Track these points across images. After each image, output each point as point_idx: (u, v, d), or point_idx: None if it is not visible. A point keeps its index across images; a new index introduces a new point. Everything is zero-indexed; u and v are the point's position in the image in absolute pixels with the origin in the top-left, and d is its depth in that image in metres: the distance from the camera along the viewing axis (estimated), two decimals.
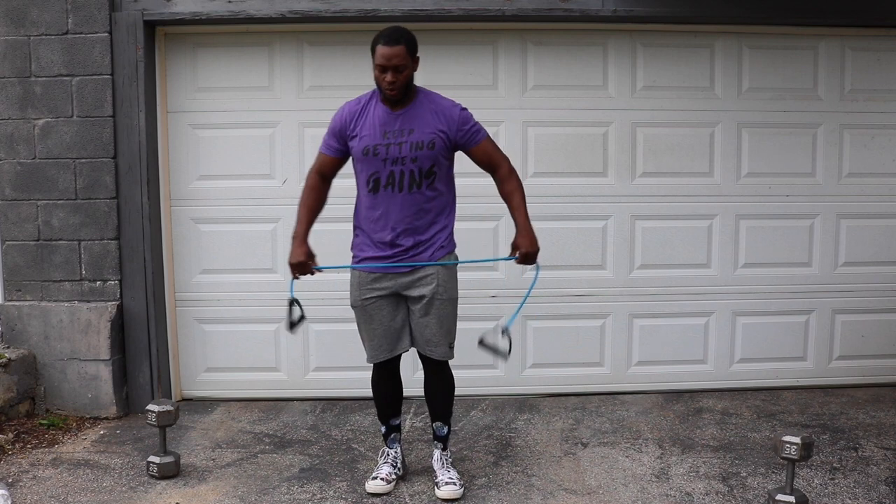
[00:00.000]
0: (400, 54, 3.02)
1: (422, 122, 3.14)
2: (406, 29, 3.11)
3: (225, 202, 4.47)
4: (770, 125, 4.54)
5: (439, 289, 3.19)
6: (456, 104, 3.22)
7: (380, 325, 3.25)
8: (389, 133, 3.13)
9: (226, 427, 4.17)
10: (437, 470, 3.36)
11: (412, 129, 3.13)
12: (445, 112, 3.16)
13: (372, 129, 3.14)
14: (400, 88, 3.07)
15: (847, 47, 4.52)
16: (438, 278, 3.19)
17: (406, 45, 3.04)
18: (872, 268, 4.67)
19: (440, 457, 3.40)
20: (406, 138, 3.13)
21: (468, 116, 3.20)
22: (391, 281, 3.21)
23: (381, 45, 3.03)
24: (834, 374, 4.73)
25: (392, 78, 3.03)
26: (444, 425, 3.39)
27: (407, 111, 3.14)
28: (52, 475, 3.55)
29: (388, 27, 3.11)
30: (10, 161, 4.25)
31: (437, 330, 3.22)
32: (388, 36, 3.03)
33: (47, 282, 4.30)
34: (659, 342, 4.64)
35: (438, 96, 3.22)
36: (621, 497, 3.31)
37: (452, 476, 3.32)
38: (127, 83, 4.19)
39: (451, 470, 3.36)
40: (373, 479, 3.37)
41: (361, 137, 3.15)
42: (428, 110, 3.15)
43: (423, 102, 3.17)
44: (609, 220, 4.55)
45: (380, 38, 3.05)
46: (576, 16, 4.24)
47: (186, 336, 4.54)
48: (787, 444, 3.10)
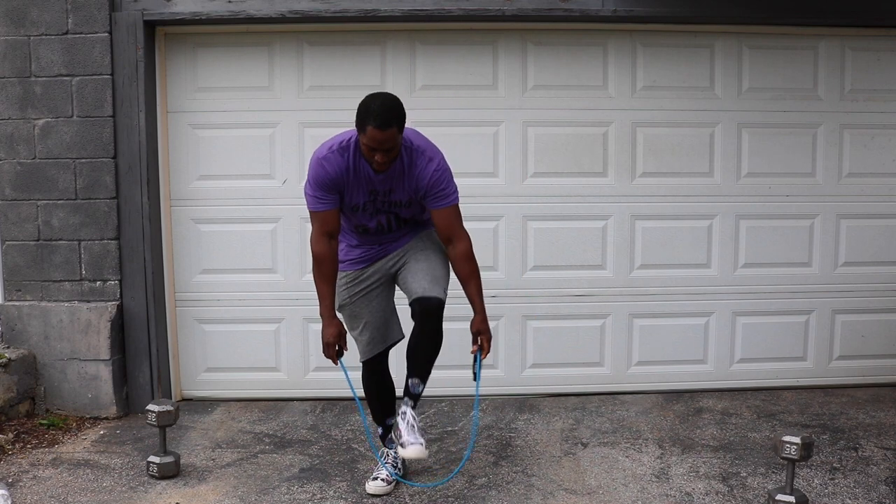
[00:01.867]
0: (391, 137, 2.88)
1: (399, 183, 3.07)
2: (395, 103, 2.92)
3: (225, 202, 4.47)
4: (770, 125, 4.54)
5: (421, 240, 3.24)
6: (432, 164, 3.05)
7: (370, 317, 3.25)
8: (374, 192, 3.09)
9: (226, 427, 4.16)
10: (403, 431, 3.10)
11: (392, 189, 3.08)
12: (419, 175, 3.05)
13: (359, 188, 3.07)
14: (389, 165, 2.99)
15: (847, 47, 4.52)
16: (417, 237, 3.25)
17: (398, 127, 2.89)
18: (872, 268, 4.67)
19: (408, 414, 3.13)
20: (388, 198, 3.11)
21: (440, 180, 3.06)
22: (377, 266, 3.25)
23: (371, 128, 2.85)
24: (834, 374, 4.73)
25: (382, 158, 2.92)
26: (420, 383, 3.18)
27: (388, 172, 3.05)
28: (52, 475, 3.55)
29: (377, 101, 2.90)
30: (10, 161, 4.25)
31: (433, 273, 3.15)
32: (380, 117, 2.85)
33: (47, 282, 4.30)
34: (659, 342, 4.64)
35: (418, 153, 3.05)
36: (621, 497, 3.31)
37: (418, 438, 3.09)
38: (127, 83, 4.19)
39: (416, 432, 3.10)
40: (373, 479, 3.36)
41: (349, 195, 3.08)
42: (406, 172, 3.05)
43: (404, 161, 3.04)
44: (609, 220, 4.55)
45: (369, 118, 2.86)
46: (576, 16, 4.24)
47: (186, 336, 4.54)
48: (787, 444, 3.10)
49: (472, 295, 3.16)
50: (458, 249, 3.14)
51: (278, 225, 4.47)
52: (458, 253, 3.14)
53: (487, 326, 3.19)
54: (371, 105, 2.89)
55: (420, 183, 3.05)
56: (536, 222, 4.53)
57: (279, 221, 4.46)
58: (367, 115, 2.87)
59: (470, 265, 3.15)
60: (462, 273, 3.16)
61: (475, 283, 3.16)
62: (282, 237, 4.47)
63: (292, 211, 4.41)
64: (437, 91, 4.41)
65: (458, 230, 3.14)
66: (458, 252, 3.14)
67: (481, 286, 3.18)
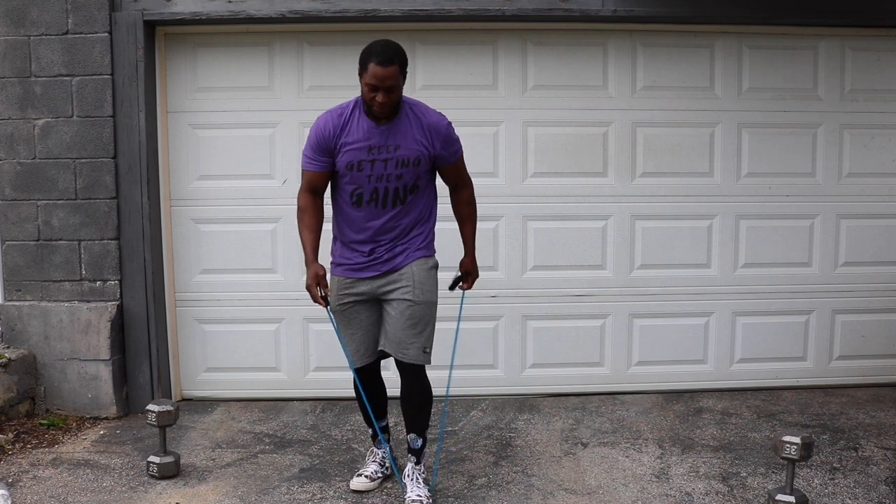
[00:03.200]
0: (393, 75, 2.91)
1: (408, 137, 3.05)
2: (397, 46, 2.98)
3: (225, 202, 4.47)
4: (770, 125, 4.54)
5: (415, 291, 3.13)
6: (443, 119, 3.13)
7: (359, 328, 3.22)
8: (374, 149, 3.04)
9: (226, 427, 4.17)
10: (407, 483, 3.24)
11: (398, 144, 3.04)
12: (433, 128, 3.08)
13: (356, 144, 3.04)
14: (390, 108, 2.99)
15: (847, 47, 4.52)
16: (414, 280, 3.14)
17: (399, 66, 2.93)
18: (872, 268, 4.67)
19: (412, 471, 3.26)
20: (391, 154, 3.05)
21: (453, 135, 3.15)
22: (367, 286, 3.18)
23: (373, 64, 2.89)
24: (834, 374, 4.73)
25: (383, 99, 2.93)
26: (418, 437, 3.26)
27: (392, 126, 3.04)
28: (52, 475, 3.55)
29: (380, 43, 2.96)
30: (10, 161, 4.25)
31: (410, 331, 3.13)
32: (382, 54, 2.90)
33: (47, 282, 4.30)
34: (659, 342, 4.64)
35: (425, 108, 3.11)
36: (621, 497, 3.31)
37: (421, 494, 3.19)
38: (127, 83, 4.19)
39: (421, 486, 3.23)
40: (357, 476, 3.39)
41: (345, 152, 3.05)
42: (414, 125, 3.06)
43: (410, 116, 3.06)
44: (609, 220, 4.55)
45: (371, 56, 2.91)
46: (576, 16, 4.25)
47: (186, 336, 4.54)
48: (787, 444, 3.10)
49: (467, 235, 3.33)
50: (462, 195, 3.29)
51: (278, 225, 4.47)
52: (462, 197, 3.29)
53: (476, 267, 3.36)
54: (373, 45, 2.97)
55: (437, 133, 3.09)
56: (536, 222, 4.53)
57: (279, 221, 4.46)
58: (370, 53, 2.94)
59: (469, 208, 3.31)
60: (461, 214, 3.31)
61: (471, 225, 3.32)
62: (282, 237, 4.47)
63: (292, 211, 4.34)
64: (437, 91, 4.41)
65: (464, 178, 3.27)
66: (462, 197, 3.29)
67: (475, 228, 3.34)
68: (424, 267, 3.18)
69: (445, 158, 3.15)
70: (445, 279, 3.34)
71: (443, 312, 3.30)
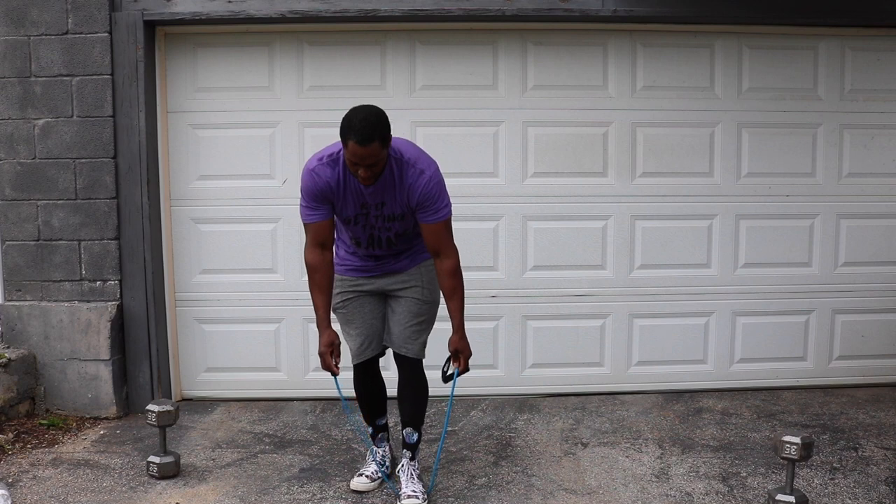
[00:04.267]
0: (373, 153, 2.83)
1: (391, 195, 3.01)
2: (377, 117, 2.85)
3: (225, 202, 4.47)
4: (770, 125, 4.54)
5: (424, 291, 3.20)
6: (424, 176, 2.99)
7: (362, 322, 3.24)
8: (366, 205, 3.04)
9: (226, 427, 4.17)
10: (402, 480, 3.26)
11: (383, 202, 3.03)
12: (410, 188, 2.99)
13: (349, 201, 3.03)
14: (373, 179, 2.93)
15: (847, 47, 4.52)
16: (423, 280, 3.21)
17: (380, 141, 2.83)
18: (872, 268, 4.67)
19: (407, 466, 3.28)
20: (380, 211, 3.05)
21: (431, 193, 2.99)
22: (373, 284, 3.22)
23: (353, 143, 2.80)
24: (834, 374, 4.73)
25: (365, 173, 2.88)
26: (414, 431, 3.28)
27: (377, 186, 2.99)
28: (52, 475, 3.55)
29: (359, 117, 2.83)
30: (10, 161, 4.25)
31: (415, 328, 3.19)
32: (360, 132, 2.79)
33: (47, 282, 4.30)
34: (659, 342, 4.64)
35: (408, 166, 2.99)
36: (621, 497, 3.31)
37: (416, 489, 3.19)
38: (127, 83, 4.19)
39: (415, 482, 3.24)
40: (358, 475, 3.39)
41: (341, 207, 3.05)
42: (397, 181, 2.99)
43: (394, 171, 2.99)
44: (609, 220, 4.55)
45: (350, 133, 2.80)
46: (576, 16, 4.24)
47: (186, 336, 4.54)
48: (787, 444, 3.10)
49: (453, 311, 3.13)
50: (444, 265, 3.09)
51: (278, 225, 4.47)
52: (445, 268, 3.09)
53: (466, 344, 3.16)
54: (352, 119, 2.84)
55: (412, 195, 2.99)
56: (536, 222, 4.53)
57: (279, 221, 4.46)
58: (349, 130, 2.82)
59: (453, 281, 3.10)
60: (445, 288, 3.13)
61: (457, 300, 3.12)
62: (282, 237, 4.47)
63: (292, 211, 4.38)
64: (437, 91, 4.41)
65: (446, 246, 3.08)
66: (445, 267, 3.09)
67: (463, 304, 3.13)
68: (431, 267, 3.22)
69: (420, 216, 3.04)
70: None
71: (443, 312, 3.31)
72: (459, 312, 3.13)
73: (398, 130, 4.11)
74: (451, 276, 3.10)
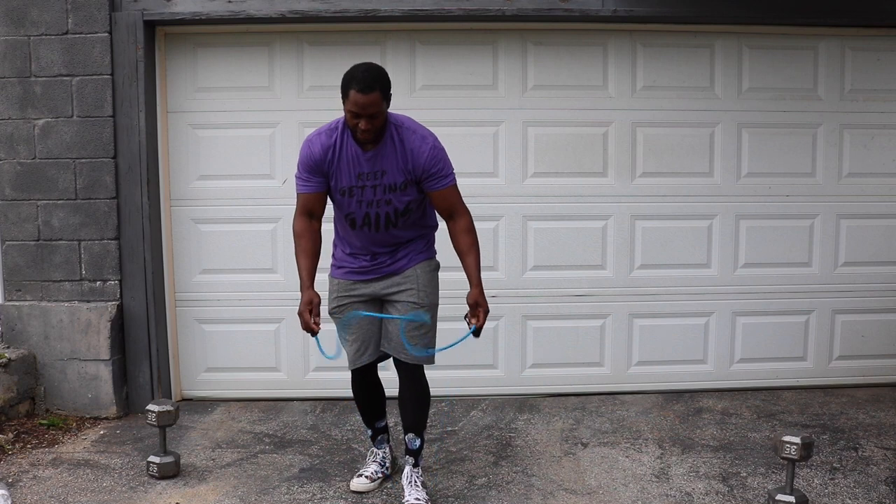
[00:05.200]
0: (375, 102, 2.83)
1: (392, 163, 2.99)
2: (379, 69, 2.91)
3: (225, 202, 4.47)
4: (770, 125, 4.54)
5: (420, 294, 3.15)
6: (427, 142, 3.00)
7: (358, 329, 3.19)
8: (362, 175, 3.01)
9: (226, 427, 4.17)
10: (405, 487, 3.23)
11: (384, 170, 2.99)
12: (413, 153, 2.98)
13: (346, 170, 3.01)
14: (374, 134, 2.92)
15: (847, 47, 4.52)
16: (418, 283, 3.16)
17: (381, 91, 2.85)
18: (872, 268, 4.67)
19: (409, 473, 3.25)
20: (378, 181, 3.01)
21: (437, 158, 3.01)
22: (369, 288, 3.18)
23: (354, 91, 2.82)
24: (834, 374, 4.73)
25: (366, 125, 2.87)
26: (416, 437, 3.24)
27: (377, 152, 2.98)
28: (52, 475, 3.55)
29: (361, 68, 2.88)
30: (10, 161, 4.25)
31: (414, 333, 3.13)
32: (362, 81, 2.82)
33: (47, 282, 4.30)
34: (659, 342, 4.64)
35: (409, 132, 3.00)
36: (621, 497, 3.32)
37: (420, 497, 3.17)
38: (127, 83, 4.19)
39: (419, 489, 3.21)
40: (358, 476, 3.39)
41: (336, 178, 3.03)
42: (398, 149, 2.98)
43: (395, 139, 2.99)
44: (609, 220, 4.55)
45: (352, 82, 2.83)
46: (576, 16, 4.24)
47: (186, 336, 4.54)
48: (787, 444, 3.10)
49: (470, 267, 3.09)
50: (458, 224, 3.09)
51: (278, 225, 4.47)
52: (459, 227, 3.09)
53: (485, 299, 3.12)
54: (354, 71, 2.88)
55: (416, 161, 2.98)
56: (536, 222, 4.53)
57: (279, 221, 4.46)
58: (350, 79, 2.85)
59: (469, 238, 3.10)
60: (461, 245, 3.10)
61: (474, 256, 3.10)
62: (282, 237, 4.47)
63: (292, 211, 4.37)
64: (437, 91, 4.41)
65: (459, 207, 3.10)
66: (459, 226, 3.09)
67: (479, 259, 3.12)
68: (427, 269, 3.19)
69: (429, 185, 3.03)
70: (445, 279, 3.32)
71: (443, 312, 3.30)
72: (476, 268, 3.10)
73: None
74: (467, 233, 3.10)
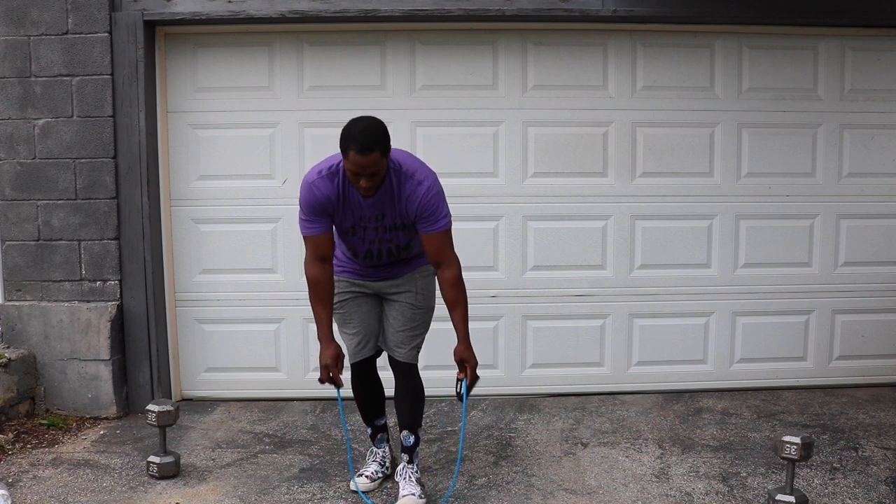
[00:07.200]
0: (374, 162, 2.82)
1: (391, 206, 3.01)
2: (377, 126, 2.87)
3: (225, 202, 4.47)
4: (770, 125, 4.54)
5: (418, 296, 3.23)
6: (422, 187, 2.97)
7: (359, 321, 3.26)
8: (364, 217, 3.04)
9: (226, 427, 4.17)
10: (399, 482, 3.25)
11: (383, 213, 3.02)
12: (408, 199, 2.98)
13: (348, 213, 3.03)
14: (375, 189, 2.93)
15: (847, 47, 4.52)
16: (416, 286, 3.23)
17: (380, 151, 2.83)
18: (872, 268, 4.67)
19: (404, 469, 3.27)
20: (380, 223, 3.04)
21: (429, 204, 2.98)
22: (371, 285, 3.25)
23: (353, 153, 2.81)
24: (834, 374, 4.73)
25: (366, 183, 2.87)
26: (410, 434, 3.26)
27: (376, 197, 2.99)
28: (52, 475, 3.55)
29: (359, 126, 2.85)
30: (10, 161, 4.25)
31: (408, 333, 3.22)
32: (361, 143, 2.80)
33: (47, 282, 4.30)
34: (659, 342, 4.64)
35: (406, 177, 2.98)
36: (621, 497, 3.31)
37: (413, 491, 3.19)
38: (127, 83, 4.19)
39: (413, 484, 3.22)
40: (358, 475, 3.40)
41: (340, 218, 3.04)
42: (396, 192, 2.99)
43: (393, 182, 2.98)
44: (609, 220, 4.55)
45: (351, 143, 2.81)
46: (576, 16, 4.25)
47: (186, 336, 4.54)
48: (787, 444, 3.10)
49: (457, 322, 3.09)
50: (445, 275, 3.06)
51: (278, 225, 4.47)
52: (446, 278, 3.06)
53: (472, 354, 3.11)
54: (352, 130, 2.85)
55: (410, 207, 2.98)
56: (536, 222, 4.53)
57: (279, 221, 4.46)
58: (349, 140, 2.83)
59: (455, 291, 3.07)
60: (448, 298, 3.09)
61: (461, 310, 3.08)
62: (282, 237, 4.47)
63: (292, 211, 4.35)
64: (437, 91, 4.41)
65: (447, 256, 3.06)
66: (446, 277, 3.06)
67: (467, 313, 3.09)
68: (426, 273, 3.26)
69: (420, 227, 3.02)
70: None
71: (443, 312, 3.30)
72: (463, 322, 3.09)
73: (398, 130, 4.14)
74: (453, 287, 3.07)
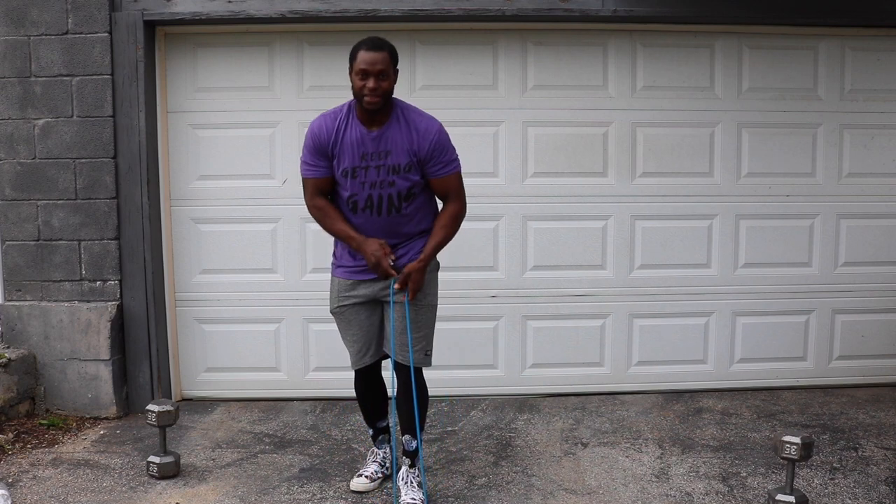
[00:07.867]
0: (384, 60, 2.91)
1: (397, 143, 3.00)
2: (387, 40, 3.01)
3: (225, 202, 4.47)
4: (770, 125, 4.54)
5: (417, 294, 3.14)
6: (434, 124, 3.03)
7: (359, 329, 3.22)
8: (367, 156, 3.01)
9: (226, 427, 4.17)
10: (401, 487, 3.23)
11: (388, 150, 3.00)
12: (420, 133, 3.00)
13: (349, 151, 3.01)
14: (382, 96, 2.92)
15: (847, 47, 4.52)
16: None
17: (389, 53, 2.95)
18: (872, 268, 4.67)
19: (406, 474, 3.26)
20: (383, 161, 3.01)
21: (443, 143, 3.03)
22: (368, 288, 3.17)
23: (363, 51, 2.91)
24: (834, 374, 4.73)
25: (374, 84, 2.89)
26: (413, 439, 3.23)
27: (383, 132, 3.00)
28: (52, 475, 3.55)
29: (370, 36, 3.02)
30: (10, 161, 4.25)
31: (414, 335, 3.14)
32: (371, 42, 2.94)
33: (47, 282, 4.30)
34: (659, 342, 4.64)
35: (416, 113, 3.05)
36: (621, 497, 3.32)
37: (416, 497, 3.18)
38: (127, 83, 4.20)
39: (415, 489, 3.22)
40: (358, 476, 3.39)
41: (340, 159, 3.03)
42: (404, 129, 3.00)
43: (400, 120, 3.01)
44: (609, 220, 4.55)
45: (361, 45, 2.94)
46: (576, 16, 4.25)
47: (186, 336, 4.54)
48: (787, 444, 3.10)
49: (428, 242, 3.10)
50: (448, 207, 3.13)
51: (278, 225, 4.47)
52: (447, 209, 3.13)
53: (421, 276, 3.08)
54: (362, 39, 2.99)
55: (423, 142, 3.00)
56: (536, 222, 4.53)
57: (279, 221, 4.46)
58: (359, 44, 2.95)
59: (448, 222, 3.10)
60: (437, 224, 3.12)
61: (440, 237, 3.09)
62: (282, 237, 4.47)
63: (292, 211, 4.41)
64: (437, 91, 4.41)
65: (456, 194, 3.11)
66: (447, 210, 3.13)
67: (442, 245, 3.11)
68: (427, 269, 3.16)
69: (433, 169, 3.04)
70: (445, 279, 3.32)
71: (443, 312, 3.30)
72: (432, 247, 3.09)
73: None
74: (449, 218, 3.11)
